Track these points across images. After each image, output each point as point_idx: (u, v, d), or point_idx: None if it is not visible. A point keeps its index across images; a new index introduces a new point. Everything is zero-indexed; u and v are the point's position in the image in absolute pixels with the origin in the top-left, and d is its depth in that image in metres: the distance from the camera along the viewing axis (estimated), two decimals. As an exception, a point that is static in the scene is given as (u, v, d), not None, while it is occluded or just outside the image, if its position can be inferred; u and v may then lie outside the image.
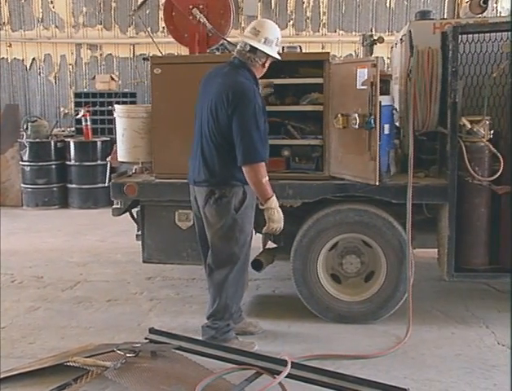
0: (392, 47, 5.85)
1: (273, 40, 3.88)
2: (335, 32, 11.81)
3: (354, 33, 11.39)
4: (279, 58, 3.97)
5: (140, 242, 4.84)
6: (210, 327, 4.08)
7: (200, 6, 4.90)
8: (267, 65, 3.97)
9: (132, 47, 12.14)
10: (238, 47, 3.94)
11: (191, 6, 4.90)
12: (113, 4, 12.01)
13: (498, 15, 11.07)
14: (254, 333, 4.38)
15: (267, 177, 3.78)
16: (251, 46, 3.83)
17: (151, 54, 8.09)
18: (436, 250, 4.69)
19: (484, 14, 5.10)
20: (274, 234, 4.01)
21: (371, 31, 11.15)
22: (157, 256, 4.82)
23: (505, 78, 4.40)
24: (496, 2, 11.65)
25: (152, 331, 4.12)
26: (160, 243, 4.76)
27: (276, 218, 3.82)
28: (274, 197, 3.81)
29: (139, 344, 3.86)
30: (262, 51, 3.84)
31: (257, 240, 5.47)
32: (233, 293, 4.05)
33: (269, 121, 4.61)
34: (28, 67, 12.16)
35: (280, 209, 3.84)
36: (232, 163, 3.81)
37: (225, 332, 4.07)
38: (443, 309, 4.89)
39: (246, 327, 4.41)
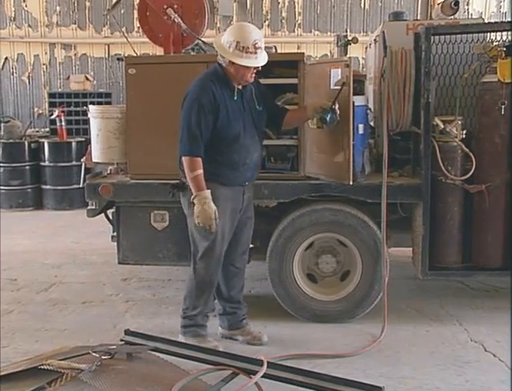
0: (366, 48, 5.89)
1: (230, 42, 3.73)
2: (310, 32, 11.88)
3: (329, 34, 11.46)
4: (237, 62, 3.74)
5: (116, 243, 4.80)
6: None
7: (175, 6, 4.88)
8: (239, 70, 3.79)
9: (107, 47, 12.08)
10: None
11: (165, 6, 4.87)
12: (88, 3, 11.93)
13: (470, 17, 11.23)
14: (257, 344, 4.26)
15: (199, 172, 3.78)
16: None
17: (126, 55, 8.05)
18: (411, 249, 4.73)
19: (457, 16, 5.17)
20: (208, 228, 3.83)
21: (346, 31, 11.23)
22: (133, 257, 4.79)
23: (476, 79, 4.47)
24: (467, 4, 11.82)
25: (127, 332, 4.09)
26: (135, 244, 4.74)
27: (197, 213, 3.79)
28: (201, 193, 3.77)
29: (114, 346, 3.82)
30: (219, 52, 3.82)
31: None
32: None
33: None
34: (0, 66, 12.01)
35: (206, 208, 3.76)
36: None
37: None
38: (417, 307, 4.94)
39: (248, 336, 4.31)
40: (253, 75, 3.90)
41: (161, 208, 4.60)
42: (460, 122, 4.34)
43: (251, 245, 5.08)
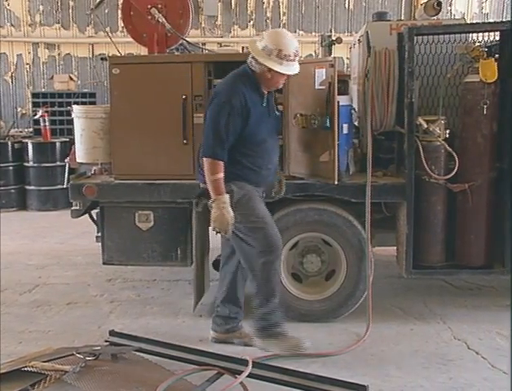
0: (351, 48, 5.91)
1: (272, 49, 3.68)
2: (295, 32, 11.89)
3: (314, 34, 11.50)
4: (277, 70, 3.73)
5: (100, 244, 4.78)
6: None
7: (159, 6, 4.87)
8: (272, 77, 3.79)
9: (91, 47, 12.01)
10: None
11: (149, 6, 4.87)
12: (71, 3, 11.86)
13: (452, 17, 11.33)
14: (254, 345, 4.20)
15: (220, 176, 3.72)
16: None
17: (110, 54, 8.02)
18: (395, 248, 4.76)
19: (440, 16, 5.20)
20: (223, 233, 3.82)
21: (330, 31, 11.24)
22: (118, 257, 4.77)
23: (459, 79, 4.50)
24: (450, 5, 11.91)
25: (112, 333, 4.09)
26: (120, 244, 4.72)
27: (213, 218, 3.74)
28: (220, 198, 3.72)
29: (99, 347, 3.81)
30: (258, 60, 3.72)
31: (218, 240, 5.49)
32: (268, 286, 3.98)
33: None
34: (-18, 66, 11.92)
35: (225, 213, 3.70)
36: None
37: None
38: (402, 306, 4.97)
39: (245, 338, 4.25)
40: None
41: (145, 209, 4.60)
42: (443, 122, 4.37)
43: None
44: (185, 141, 4.51)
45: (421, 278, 5.23)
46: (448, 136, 4.40)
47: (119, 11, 10.77)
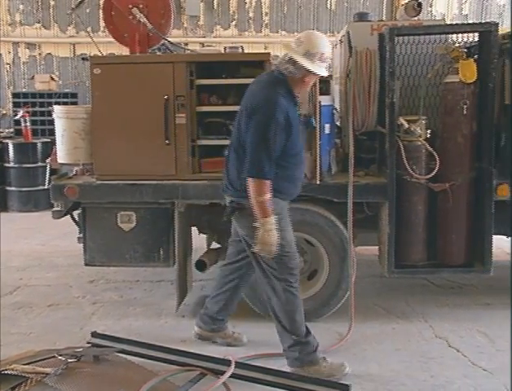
0: (333, 48, 5.92)
1: (316, 54, 3.53)
2: (277, 32, 11.92)
3: (296, 34, 11.49)
4: (322, 74, 3.62)
5: (82, 245, 4.75)
6: (290, 346, 3.79)
7: (140, 6, 4.85)
8: (308, 81, 3.65)
9: (72, 47, 11.94)
10: (280, 57, 3.66)
11: (130, 6, 4.84)
12: (52, 2, 11.77)
13: (433, 18, 11.43)
14: (238, 345, 4.22)
15: (268, 196, 3.50)
16: (290, 57, 3.55)
17: (92, 54, 7.97)
18: (377, 247, 4.79)
19: (421, 17, 5.24)
20: (268, 256, 3.61)
21: (312, 32, 11.29)
22: (100, 258, 4.74)
23: (440, 79, 4.54)
24: (430, 6, 12.01)
25: (94, 334, 4.07)
26: (102, 245, 4.69)
27: (267, 241, 3.51)
28: (268, 219, 3.50)
29: (80, 349, 3.80)
30: (300, 64, 3.53)
31: (201, 241, 5.50)
32: (291, 308, 3.76)
33: (210, 122, 4.66)
34: (-38, 66, 11.80)
35: (271, 235, 3.51)
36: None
37: (309, 353, 3.77)
38: (384, 305, 5.00)
39: (228, 338, 4.25)
40: None
41: (127, 209, 4.58)
42: (424, 122, 4.41)
43: (219, 245, 5.11)
44: (167, 141, 4.50)
45: (404, 278, 5.27)
46: (429, 136, 4.44)
47: (100, 11, 10.79)
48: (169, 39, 5.18)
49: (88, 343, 3.99)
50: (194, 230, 5.07)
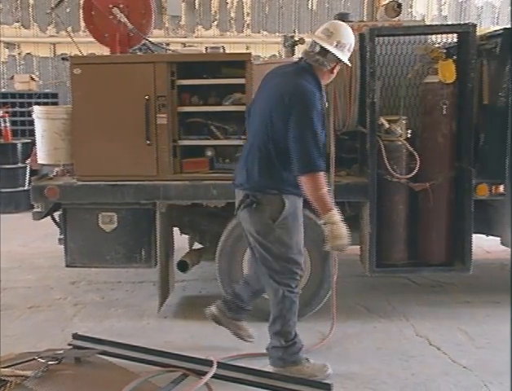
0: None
1: (346, 44, 3.56)
2: (259, 32, 11.93)
3: (277, 34, 11.54)
4: (349, 64, 3.71)
5: (63, 246, 4.72)
6: (275, 346, 3.75)
7: (121, 6, 4.83)
8: (335, 71, 3.65)
9: (53, 47, 11.84)
10: (306, 48, 3.63)
11: (111, 6, 4.83)
12: (31, 1, 11.66)
13: (413, 19, 11.53)
14: (247, 341, 4.14)
15: (326, 189, 3.43)
16: (322, 47, 3.51)
17: (72, 54, 7.92)
18: (359, 247, 4.80)
19: (401, 18, 5.28)
20: (341, 251, 3.57)
21: (294, 32, 11.31)
22: (81, 260, 4.71)
23: (420, 79, 4.58)
24: (410, 7, 12.10)
25: (75, 336, 4.04)
26: (83, 246, 4.67)
27: (338, 234, 3.41)
28: (334, 210, 3.43)
29: (61, 351, 3.76)
30: (334, 55, 3.52)
31: (183, 241, 5.49)
32: (287, 313, 3.71)
33: (192, 122, 4.65)
34: None
35: (341, 227, 3.42)
36: (274, 170, 3.53)
37: (293, 354, 3.73)
38: (366, 304, 5.03)
39: (242, 331, 4.15)
40: None
41: (108, 210, 4.56)
42: (404, 122, 4.44)
43: (200, 246, 5.10)
44: (148, 142, 4.49)
45: (385, 277, 5.32)
46: (409, 136, 4.47)
47: (81, 11, 10.73)
48: (151, 39, 5.17)
49: (69, 345, 3.96)
50: (176, 230, 5.06)
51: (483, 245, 6.14)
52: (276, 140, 3.50)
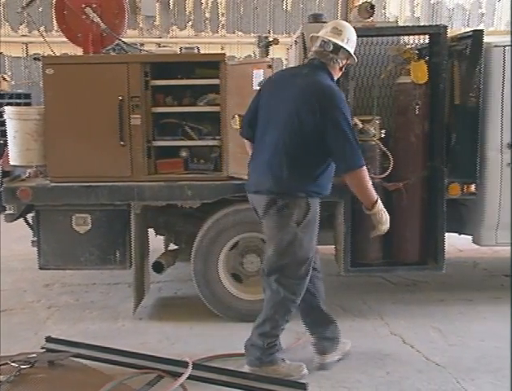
0: (288, 49, 5.97)
1: (353, 41, 3.67)
2: (234, 33, 11.93)
3: (252, 34, 11.56)
4: (356, 60, 3.76)
5: (36, 248, 4.67)
6: (255, 345, 3.71)
7: (94, 5, 4.79)
8: (343, 68, 3.73)
9: (25, 46, 11.70)
10: (317, 47, 3.64)
11: (83, 5, 4.78)
12: (2, 0, 11.51)
13: (386, 20, 11.66)
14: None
15: (370, 182, 3.55)
16: (334, 45, 3.57)
17: (45, 54, 7.84)
18: (333, 247, 4.83)
19: (375, 19, 5.31)
20: (381, 233, 3.70)
21: (269, 32, 11.36)
22: (54, 262, 4.67)
23: (392, 79, 4.62)
24: (384, 8, 12.21)
25: (48, 339, 4.00)
26: (57, 248, 4.62)
27: (384, 220, 3.59)
28: (379, 200, 3.58)
29: (34, 355, 3.71)
30: (346, 51, 3.60)
31: (158, 242, 5.47)
32: (280, 321, 3.71)
33: (166, 123, 4.64)
34: None
35: (385, 212, 3.61)
36: (302, 172, 3.53)
37: (271, 354, 3.71)
38: (341, 303, 5.05)
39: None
40: None
41: (82, 211, 4.52)
42: (378, 122, 4.47)
43: (176, 247, 5.09)
44: (122, 142, 4.46)
45: (360, 276, 5.35)
46: (383, 136, 4.50)
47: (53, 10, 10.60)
48: (124, 39, 5.13)
49: (42, 348, 3.92)
50: (151, 231, 5.04)
51: (456, 244, 6.21)
52: (306, 142, 3.49)
